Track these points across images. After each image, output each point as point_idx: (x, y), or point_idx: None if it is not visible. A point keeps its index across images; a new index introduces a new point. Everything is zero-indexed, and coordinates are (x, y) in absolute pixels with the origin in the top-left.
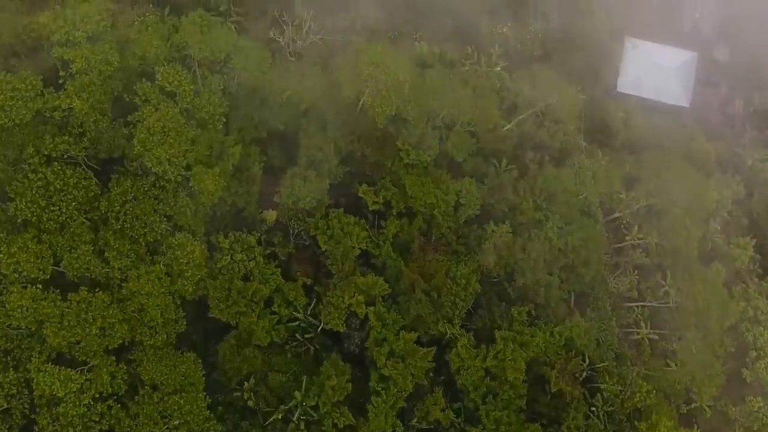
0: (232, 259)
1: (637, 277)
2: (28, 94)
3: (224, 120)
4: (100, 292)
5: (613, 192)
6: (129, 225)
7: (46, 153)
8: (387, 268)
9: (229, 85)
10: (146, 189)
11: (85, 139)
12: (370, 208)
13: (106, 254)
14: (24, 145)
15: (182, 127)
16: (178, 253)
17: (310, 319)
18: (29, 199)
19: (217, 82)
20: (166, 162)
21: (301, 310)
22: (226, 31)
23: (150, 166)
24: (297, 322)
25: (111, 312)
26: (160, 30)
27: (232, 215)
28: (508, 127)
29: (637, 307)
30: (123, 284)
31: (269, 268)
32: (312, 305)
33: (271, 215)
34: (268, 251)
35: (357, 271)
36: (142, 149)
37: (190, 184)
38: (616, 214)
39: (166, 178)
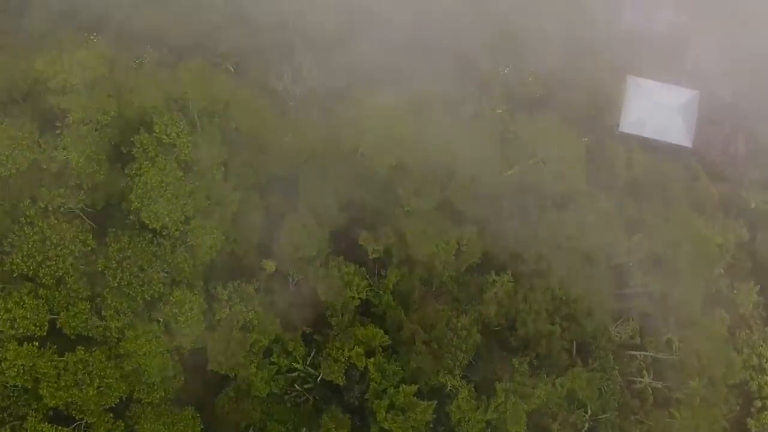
0: (230, 310)
1: (640, 324)
2: (24, 143)
3: (223, 168)
4: (97, 351)
5: (615, 238)
6: (126, 282)
7: (42, 206)
8: (387, 317)
9: (228, 132)
10: (144, 245)
11: (82, 192)
12: (371, 256)
13: (103, 312)
14: (20, 195)
15: (180, 181)
16: (177, 310)
17: (310, 369)
18: (26, 252)
19: (215, 133)
20: (164, 218)
21: (300, 361)
22: (224, 80)
23: (148, 222)
24: (296, 373)
25: (108, 371)
26: (158, 79)
27: (231, 263)
28: (509, 173)
29: (640, 355)
30: (120, 342)
31: (268, 318)
32: (312, 355)
33: (270, 265)
34: (267, 300)
35: (357, 321)
36: (139, 205)
37: (188, 240)
38: (619, 260)
39: (163, 233)
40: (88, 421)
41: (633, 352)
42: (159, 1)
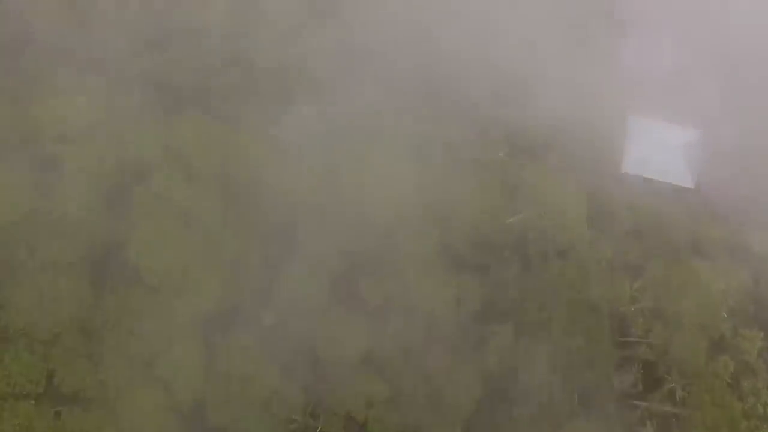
0: (229, 361)
1: (642, 372)
2: (21, 191)
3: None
4: (95, 410)
5: (616, 286)
6: (124, 340)
7: (39, 258)
8: (387, 367)
9: (227, 181)
10: (142, 300)
11: (79, 246)
12: (371, 305)
13: (100, 373)
14: (17, 244)
15: (178, 236)
16: (175, 367)
17: (310, 420)
18: (22, 307)
19: (214, 184)
20: (163, 273)
21: (300, 412)
22: (223, 130)
23: (145, 279)
24: (295, 424)
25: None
26: (156, 128)
27: (230, 313)
28: (511, 220)
29: (642, 404)
30: (118, 400)
31: (268, 369)
32: (311, 406)
33: (269, 316)
34: (266, 350)
35: (357, 372)
36: (137, 260)
37: (186, 293)
38: (621, 308)
39: (161, 290)
40: None
41: (635, 402)
42: (158, 42)
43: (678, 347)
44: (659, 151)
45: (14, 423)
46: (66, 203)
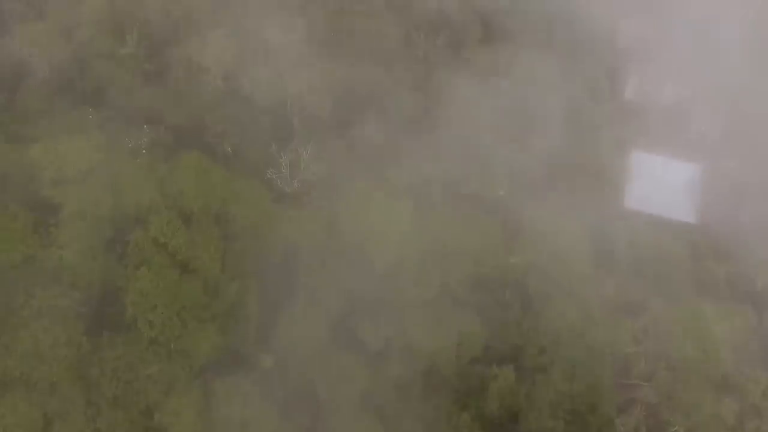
0: (228, 406)
1: (645, 415)
2: (18, 235)
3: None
4: None
5: (619, 327)
6: (122, 392)
7: (36, 306)
8: (387, 411)
9: (225, 224)
10: (140, 353)
11: (77, 292)
12: (371, 349)
13: (98, 424)
14: (14, 290)
15: (176, 285)
16: (174, 419)
17: None
18: (18, 355)
19: (212, 229)
20: (160, 325)
21: None
22: (221, 174)
23: (143, 331)
24: None
25: None
26: (154, 172)
27: (229, 356)
28: (512, 261)
29: None
30: None
31: (267, 413)
32: None
33: (266, 361)
34: (265, 394)
35: (356, 415)
36: (135, 311)
37: (184, 344)
38: (624, 349)
39: (159, 340)
40: None
41: None
42: (156, 78)
43: (682, 390)
44: (662, 187)
45: None
46: (63, 248)
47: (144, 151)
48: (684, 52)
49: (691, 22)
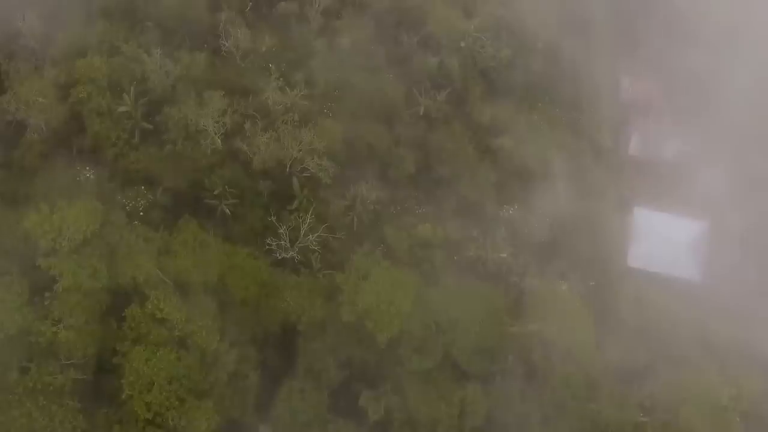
0: None
1: None
2: (13, 306)
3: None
4: None
5: (625, 394)
6: None
7: (30, 384)
8: None
9: (223, 295)
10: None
11: (72, 368)
12: (371, 419)
13: None
14: (8, 363)
15: (174, 363)
16: None
17: None
18: None
19: (210, 303)
20: (157, 407)
21: None
22: (219, 247)
23: (140, 413)
24: None
25: None
26: (151, 245)
27: (228, 427)
28: (514, 329)
29: None
30: None
31: None
32: None
33: (268, 429)
34: None
35: None
36: (131, 392)
37: (182, 423)
38: (630, 417)
39: (156, 422)
40: None
41: None
42: (154, 137)
43: None
44: (666, 245)
45: None
46: (58, 323)
47: (141, 213)
48: (688, 107)
49: (694, 76)
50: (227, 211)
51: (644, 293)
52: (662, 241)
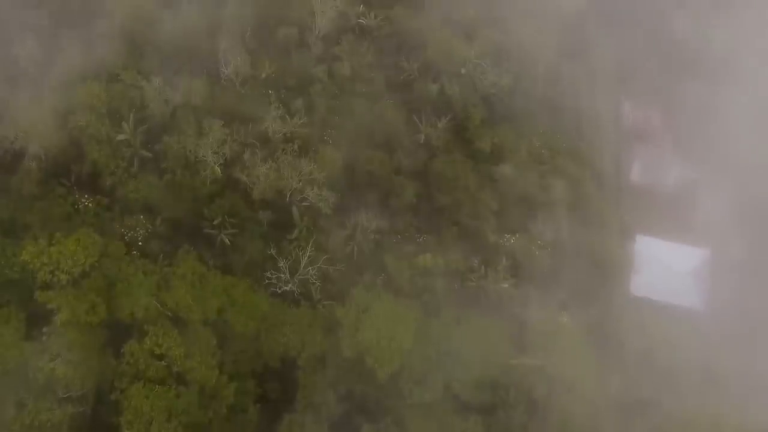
0: None
1: None
2: (10, 339)
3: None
4: None
5: (628, 428)
6: None
7: (27, 421)
8: None
9: (223, 329)
10: None
11: (70, 404)
12: None
13: None
14: (5, 398)
15: (173, 401)
16: None
17: None
18: None
19: (210, 338)
20: None
21: None
22: (218, 281)
23: None
24: None
25: None
26: (149, 279)
27: None
28: (515, 361)
29: None
30: None
31: None
32: None
33: None
34: None
35: None
36: None
37: None
38: None
39: None
40: None
41: None
42: (153, 165)
43: None
44: (667, 273)
45: None
46: (56, 358)
47: (140, 243)
48: (689, 134)
49: (695, 103)
50: (227, 241)
51: (647, 322)
52: (664, 269)
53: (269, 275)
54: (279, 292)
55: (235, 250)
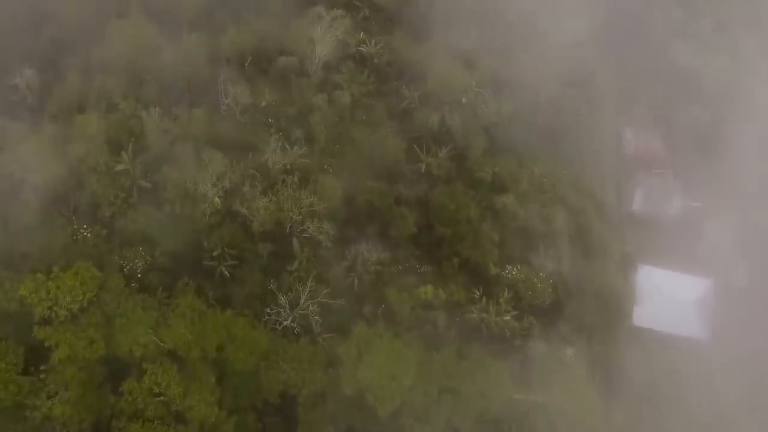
0: None
1: None
2: (7, 375)
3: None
4: None
5: None
6: None
7: None
8: None
9: (223, 365)
10: None
11: None
12: None
13: None
14: None
15: None
16: None
17: None
18: None
19: (209, 375)
20: None
21: None
22: (218, 320)
23: None
24: None
25: None
26: (148, 315)
27: None
28: (517, 397)
29: None
30: None
31: None
32: None
33: None
34: None
35: None
36: None
37: None
38: None
39: None
40: None
41: None
42: (152, 196)
43: None
44: (671, 303)
45: None
46: (54, 395)
47: (139, 275)
48: (691, 162)
49: (696, 130)
50: (226, 273)
51: (651, 354)
52: (668, 299)
53: (269, 311)
54: (279, 328)
55: (234, 282)
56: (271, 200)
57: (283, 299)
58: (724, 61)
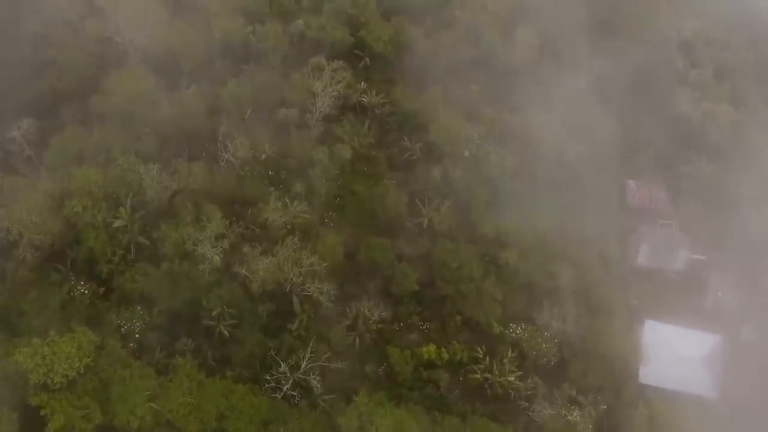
0: None
1: None
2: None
3: None
4: None
5: None
6: None
7: None
8: None
9: None
10: None
11: None
12: None
13: None
14: None
15: None
16: None
17: None
18: None
19: None
20: None
21: None
22: (216, 387)
23: None
24: None
25: None
26: (145, 383)
27: None
28: None
29: None
30: None
31: None
32: None
33: None
34: None
35: None
36: None
37: None
38: None
39: None
40: None
41: None
42: (150, 253)
43: None
44: (678, 360)
45: None
46: None
47: (137, 335)
48: (696, 214)
49: (701, 182)
50: (225, 332)
51: (658, 413)
52: (675, 356)
53: (269, 378)
54: (279, 396)
55: (234, 342)
56: (270, 261)
57: (283, 366)
58: (726, 108)
